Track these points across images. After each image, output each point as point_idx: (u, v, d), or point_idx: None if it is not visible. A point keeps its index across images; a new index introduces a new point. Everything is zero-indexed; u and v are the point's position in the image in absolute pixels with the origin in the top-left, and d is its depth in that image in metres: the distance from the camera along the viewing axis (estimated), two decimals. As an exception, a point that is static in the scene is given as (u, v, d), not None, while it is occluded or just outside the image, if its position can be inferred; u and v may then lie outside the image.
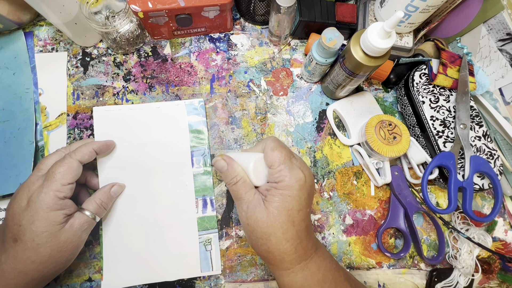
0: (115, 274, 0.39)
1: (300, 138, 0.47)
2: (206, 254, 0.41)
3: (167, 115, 0.44)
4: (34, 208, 0.30)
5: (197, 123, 0.44)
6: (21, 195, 0.31)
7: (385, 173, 0.45)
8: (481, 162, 0.42)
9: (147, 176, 0.41)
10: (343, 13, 0.47)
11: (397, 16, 0.30)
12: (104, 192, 0.37)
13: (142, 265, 0.40)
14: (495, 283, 0.46)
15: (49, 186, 0.30)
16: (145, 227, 0.40)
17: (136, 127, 0.42)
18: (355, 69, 0.38)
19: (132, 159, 0.41)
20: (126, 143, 0.41)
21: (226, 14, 0.45)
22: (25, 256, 0.29)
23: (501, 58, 0.44)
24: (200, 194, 0.42)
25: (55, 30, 0.47)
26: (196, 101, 0.45)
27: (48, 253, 0.30)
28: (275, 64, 0.50)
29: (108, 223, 0.39)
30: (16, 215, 0.30)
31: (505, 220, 0.48)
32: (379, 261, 0.44)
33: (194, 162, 0.43)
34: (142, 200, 0.41)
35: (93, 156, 0.36)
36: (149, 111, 0.43)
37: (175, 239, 0.41)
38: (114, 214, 0.40)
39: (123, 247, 0.39)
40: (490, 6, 0.43)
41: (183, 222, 0.41)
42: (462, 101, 0.44)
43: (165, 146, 0.43)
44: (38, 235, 0.29)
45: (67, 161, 0.32)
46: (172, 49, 0.48)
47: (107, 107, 0.43)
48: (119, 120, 0.42)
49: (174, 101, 0.45)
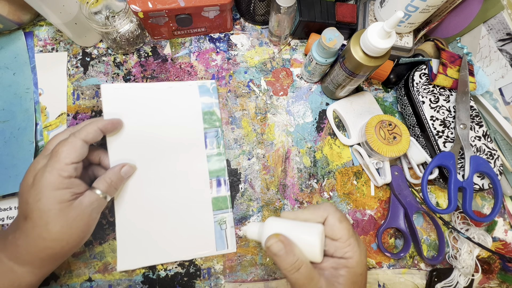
0: (130, 255, 0.39)
1: (300, 138, 0.47)
2: (221, 233, 0.41)
3: (179, 96, 0.43)
4: (38, 186, 0.30)
5: (209, 104, 0.44)
6: (28, 174, 0.31)
7: (385, 173, 0.45)
8: (481, 162, 0.42)
9: (160, 156, 0.41)
10: (343, 13, 0.47)
11: (397, 16, 0.31)
12: (114, 172, 0.36)
13: (156, 245, 0.39)
14: (495, 283, 0.46)
15: (53, 165, 0.30)
16: (159, 207, 0.40)
17: (147, 106, 0.41)
18: (355, 69, 0.38)
19: (143, 140, 0.40)
20: (136, 123, 0.40)
21: (226, 14, 0.45)
22: (36, 233, 0.30)
23: (501, 58, 0.44)
24: (214, 175, 0.43)
25: (55, 30, 0.47)
26: (209, 82, 0.45)
27: (58, 230, 0.30)
28: (275, 64, 0.50)
29: (121, 204, 0.39)
30: (24, 194, 0.31)
31: (505, 220, 0.48)
32: (379, 261, 0.44)
33: (208, 143, 0.43)
34: (155, 180, 0.40)
35: (98, 135, 0.35)
36: (161, 91, 0.42)
37: (190, 219, 0.41)
38: (127, 194, 0.39)
39: (137, 228, 0.39)
40: (490, 6, 0.43)
41: (198, 202, 0.41)
42: (462, 101, 0.44)
43: (177, 126, 0.42)
44: (45, 212, 0.30)
45: (70, 140, 0.32)
46: (172, 49, 0.48)
47: (116, 85, 0.40)
48: (129, 99, 0.40)
49: (186, 81, 0.44)
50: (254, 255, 0.42)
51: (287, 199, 0.45)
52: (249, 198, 0.44)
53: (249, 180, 0.45)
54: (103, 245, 0.40)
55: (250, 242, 0.43)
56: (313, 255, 0.28)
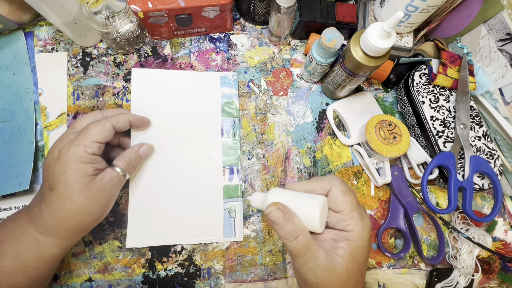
0: (139, 233, 0.40)
1: (300, 138, 0.47)
2: (230, 220, 0.42)
3: (201, 84, 0.45)
4: (64, 159, 0.31)
5: (229, 95, 0.46)
6: (54, 148, 0.33)
7: (385, 173, 0.45)
8: (481, 162, 0.42)
9: (178, 140, 0.42)
10: (343, 13, 0.47)
11: (397, 16, 0.31)
12: (133, 151, 0.38)
13: (165, 226, 0.40)
14: (495, 283, 0.46)
15: (80, 140, 0.32)
16: (171, 190, 0.41)
17: (171, 91, 0.44)
18: (355, 69, 0.38)
19: (164, 123, 0.42)
20: (159, 107, 0.42)
21: (226, 14, 0.45)
22: (61, 203, 0.31)
23: (501, 58, 0.44)
24: (227, 163, 0.44)
25: (55, 30, 0.47)
26: (230, 74, 0.47)
27: (81, 201, 0.32)
28: (275, 64, 0.50)
29: (136, 183, 0.40)
30: (50, 166, 0.32)
31: (505, 220, 0.48)
32: (379, 261, 0.44)
33: (224, 132, 0.44)
34: (170, 163, 0.41)
35: (126, 126, 0.37)
36: (185, 79, 0.45)
37: (201, 203, 0.42)
38: (142, 174, 0.41)
39: (148, 208, 0.40)
40: (490, 6, 0.43)
41: (209, 188, 0.42)
42: (462, 101, 0.44)
43: (197, 113, 0.44)
44: (70, 184, 0.31)
45: (102, 122, 0.34)
46: (172, 49, 0.48)
47: (145, 70, 0.44)
48: (156, 83, 0.43)
49: (209, 72, 0.47)
50: (254, 255, 0.42)
51: (287, 199, 0.45)
52: (249, 198, 0.44)
53: (249, 180, 0.45)
54: (103, 245, 0.40)
55: (250, 242, 0.43)
56: (312, 225, 0.28)
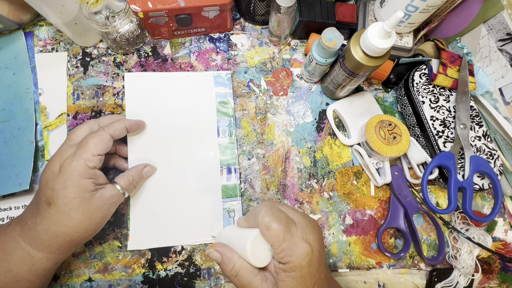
0: (141, 235, 0.40)
1: (300, 138, 0.47)
2: (229, 220, 0.42)
3: (195, 85, 0.45)
4: (66, 174, 0.31)
5: (223, 94, 0.46)
6: (54, 162, 0.32)
7: (385, 173, 0.45)
8: (481, 162, 0.42)
9: (174, 142, 0.42)
10: (343, 13, 0.47)
11: (397, 16, 0.31)
12: (137, 170, 0.38)
13: (166, 228, 0.41)
14: (495, 283, 0.46)
15: (81, 154, 0.32)
16: (170, 192, 0.41)
17: (165, 94, 0.44)
18: (355, 69, 0.38)
19: (159, 125, 0.42)
20: (154, 109, 0.43)
21: (226, 14, 0.45)
22: (58, 219, 0.31)
23: (501, 58, 0.44)
24: (225, 163, 0.44)
25: (55, 30, 0.47)
26: (224, 73, 0.46)
27: (79, 218, 0.31)
28: (275, 64, 0.50)
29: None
30: (49, 180, 0.31)
31: (505, 220, 0.48)
32: (379, 261, 0.44)
33: (220, 132, 0.44)
34: (168, 165, 0.42)
35: (124, 132, 0.37)
36: (178, 80, 0.45)
37: (200, 204, 0.42)
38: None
39: (149, 210, 0.41)
40: (490, 6, 0.43)
41: (208, 189, 0.42)
42: (462, 101, 0.44)
43: (192, 114, 0.44)
44: (70, 200, 0.31)
45: (100, 133, 0.34)
46: (172, 49, 0.48)
47: (137, 73, 0.44)
48: (149, 86, 0.44)
49: (202, 72, 0.46)
50: (254, 255, 0.42)
51: (287, 199, 0.45)
52: (249, 198, 0.44)
53: (249, 180, 0.45)
54: (103, 245, 0.40)
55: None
56: (250, 260, 0.28)
